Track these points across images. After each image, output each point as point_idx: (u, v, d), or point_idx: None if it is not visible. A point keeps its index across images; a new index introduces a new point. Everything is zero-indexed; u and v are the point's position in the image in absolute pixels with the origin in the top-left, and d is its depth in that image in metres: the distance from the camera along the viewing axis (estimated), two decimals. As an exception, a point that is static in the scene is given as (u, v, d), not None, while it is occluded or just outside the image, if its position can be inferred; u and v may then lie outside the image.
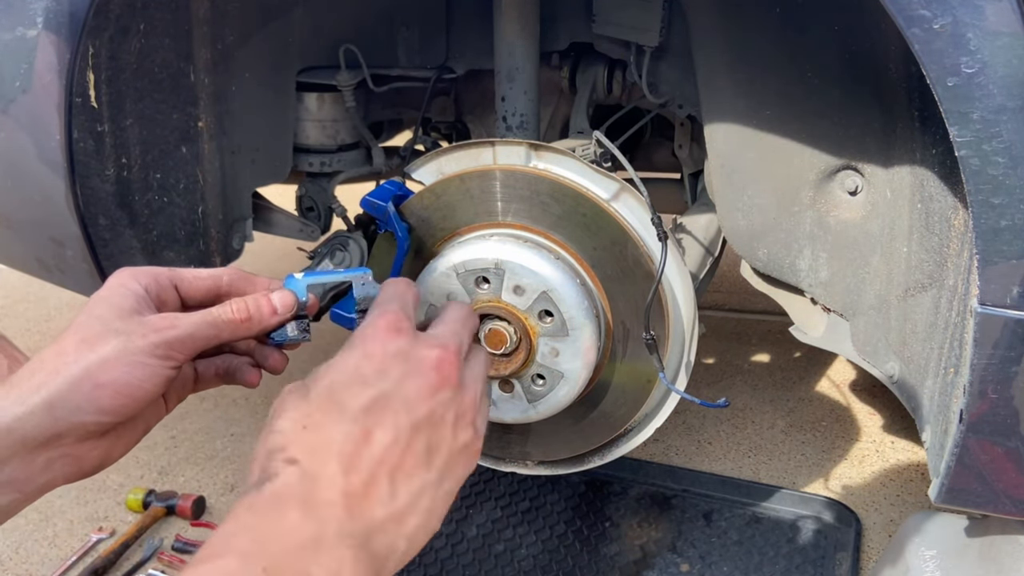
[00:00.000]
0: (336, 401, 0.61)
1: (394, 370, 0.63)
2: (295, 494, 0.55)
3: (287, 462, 0.57)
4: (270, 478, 0.56)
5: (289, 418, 0.61)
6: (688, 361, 1.27)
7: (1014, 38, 0.80)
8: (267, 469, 0.57)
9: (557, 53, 1.61)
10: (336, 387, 0.62)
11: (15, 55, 1.21)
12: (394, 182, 1.27)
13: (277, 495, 0.55)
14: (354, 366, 0.63)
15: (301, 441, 0.59)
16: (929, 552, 1.33)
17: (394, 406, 0.62)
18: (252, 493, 0.56)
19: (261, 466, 0.58)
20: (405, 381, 0.63)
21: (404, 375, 0.63)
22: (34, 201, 1.31)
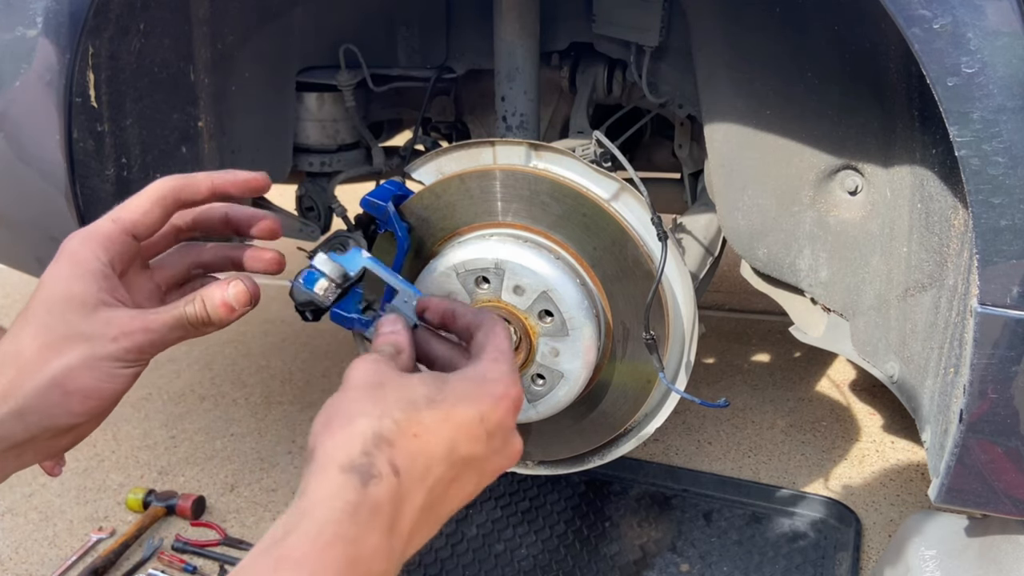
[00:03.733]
0: (450, 436, 0.62)
1: (497, 442, 0.66)
2: (386, 513, 0.56)
3: (392, 468, 0.57)
4: (374, 477, 0.56)
5: (405, 411, 0.60)
6: (688, 361, 1.27)
7: (1014, 38, 0.80)
8: (373, 461, 0.56)
9: (557, 53, 1.61)
10: (455, 420, 0.62)
11: (15, 55, 1.21)
12: (394, 182, 1.26)
13: (375, 507, 0.55)
14: (478, 417, 0.64)
15: (409, 451, 0.59)
16: (929, 552, 1.33)
17: (479, 472, 0.65)
18: (354, 481, 0.55)
19: (364, 446, 0.57)
20: (497, 456, 0.67)
21: (499, 451, 0.67)
22: (34, 201, 1.31)
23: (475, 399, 0.64)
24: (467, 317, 0.78)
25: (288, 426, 2.27)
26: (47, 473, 1.21)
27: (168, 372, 2.61)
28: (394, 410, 0.60)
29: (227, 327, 0.77)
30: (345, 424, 0.58)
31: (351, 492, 0.54)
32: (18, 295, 3.31)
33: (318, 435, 0.59)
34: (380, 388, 0.61)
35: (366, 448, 0.57)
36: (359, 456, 0.56)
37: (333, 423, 0.59)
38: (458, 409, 0.63)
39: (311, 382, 2.53)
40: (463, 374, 0.67)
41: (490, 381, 0.66)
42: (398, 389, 0.62)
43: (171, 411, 2.36)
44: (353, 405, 0.60)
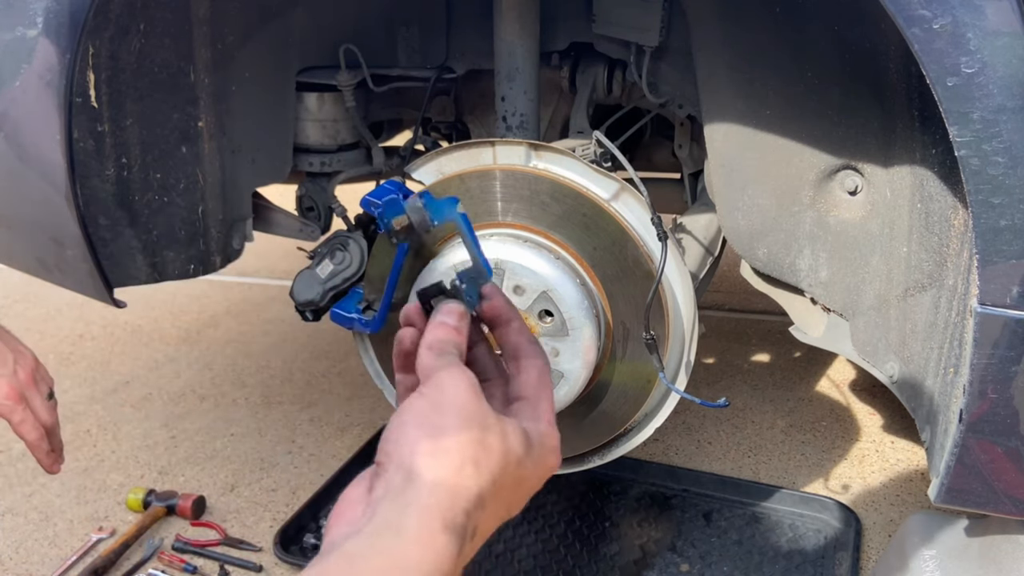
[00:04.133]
0: (516, 502, 0.64)
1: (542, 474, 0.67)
2: (456, 572, 0.56)
3: (473, 533, 0.58)
4: (467, 543, 0.56)
5: (500, 472, 0.60)
6: (688, 361, 1.27)
7: (1014, 38, 0.80)
8: (469, 524, 0.57)
9: (557, 53, 1.61)
10: (524, 487, 0.64)
11: (15, 55, 1.21)
12: (394, 182, 1.27)
13: (457, 568, 0.56)
14: (537, 481, 0.66)
15: (490, 515, 0.60)
16: (929, 552, 1.33)
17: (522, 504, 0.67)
18: (453, 549, 0.54)
19: (468, 506, 0.57)
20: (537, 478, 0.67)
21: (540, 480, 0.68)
22: (34, 201, 1.31)
23: (539, 468, 0.66)
24: (522, 338, 0.74)
25: (288, 426, 2.27)
26: (47, 471, 1.22)
27: (168, 372, 2.61)
28: (495, 467, 0.59)
29: (227, 327, 0.76)
30: (454, 464, 0.57)
31: (450, 562, 0.54)
32: (18, 295, 3.31)
33: (421, 454, 0.57)
34: (485, 433, 0.60)
35: (468, 508, 0.56)
36: (462, 516, 0.56)
37: (440, 451, 0.57)
38: (529, 477, 0.64)
39: (311, 382, 2.53)
40: (535, 435, 0.66)
41: (551, 451, 0.67)
42: (500, 441, 0.61)
43: (171, 411, 2.36)
44: (462, 445, 0.58)
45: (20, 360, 1.18)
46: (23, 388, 1.16)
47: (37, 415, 1.18)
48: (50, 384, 1.23)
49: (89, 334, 2.92)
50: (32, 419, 1.17)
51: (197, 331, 2.92)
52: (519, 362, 0.73)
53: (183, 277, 1.49)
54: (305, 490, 1.96)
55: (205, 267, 1.52)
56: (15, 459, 2.11)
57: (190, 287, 3.31)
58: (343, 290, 1.51)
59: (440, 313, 0.70)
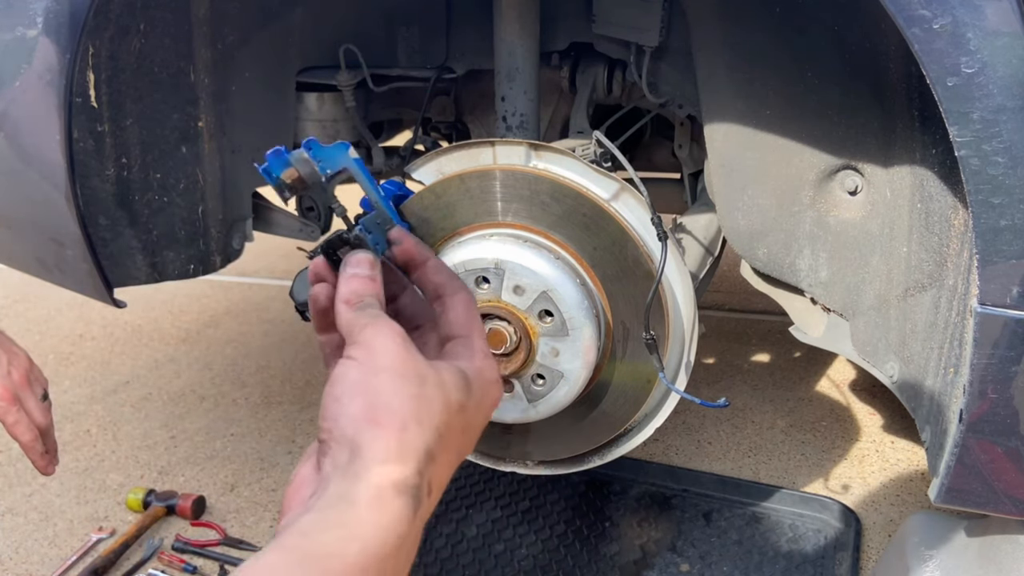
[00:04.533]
0: (466, 447, 0.64)
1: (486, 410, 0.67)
2: (417, 532, 0.56)
3: (429, 489, 0.57)
4: (422, 502, 0.55)
5: (444, 421, 0.59)
6: (688, 361, 1.27)
7: (1014, 38, 0.80)
8: (422, 483, 0.55)
9: (557, 53, 1.61)
10: (471, 432, 0.64)
11: (15, 55, 1.21)
12: (394, 182, 1.27)
13: (416, 534, 0.55)
14: (483, 419, 0.66)
15: (442, 465, 0.59)
16: (929, 552, 1.33)
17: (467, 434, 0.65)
18: (408, 511, 0.54)
19: (418, 464, 0.55)
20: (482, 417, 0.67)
21: (486, 417, 0.67)
22: (34, 201, 1.31)
23: (483, 405, 0.64)
24: (441, 276, 0.71)
25: (288, 426, 2.27)
26: (41, 471, 1.22)
27: (168, 372, 2.61)
28: (438, 419, 0.58)
29: (227, 327, 0.76)
30: (396, 427, 0.55)
31: (404, 523, 0.53)
32: (18, 295, 3.31)
33: (361, 424, 0.55)
34: (422, 386, 0.58)
35: (420, 467, 0.55)
36: (414, 476, 0.54)
37: (381, 418, 0.55)
38: (475, 418, 0.63)
39: (311, 382, 2.53)
40: (476, 374, 0.64)
41: (492, 383, 0.66)
42: (439, 391, 0.59)
43: (171, 411, 2.36)
44: (401, 404, 0.56)
45: (14, 361, 1.18)
46: (17, 389, 1.16)
47: (31, 416, 1.18)
48: (44, 385, 1.23)
49: (89, 334, 2.92)
50: (26, 420, 1.17)
51: (197, 331, 2.92)
52: (443, 300, 0.70)
53: (183, 277, 1.49)
54: (305, 490, 1.96)
55: (205, 267, 1.52)
56: (15, 459, 2.11)
57: (190, 287, 3.31)
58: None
59: (349, 265, 0.67)
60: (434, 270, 0.72)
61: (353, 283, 0.65)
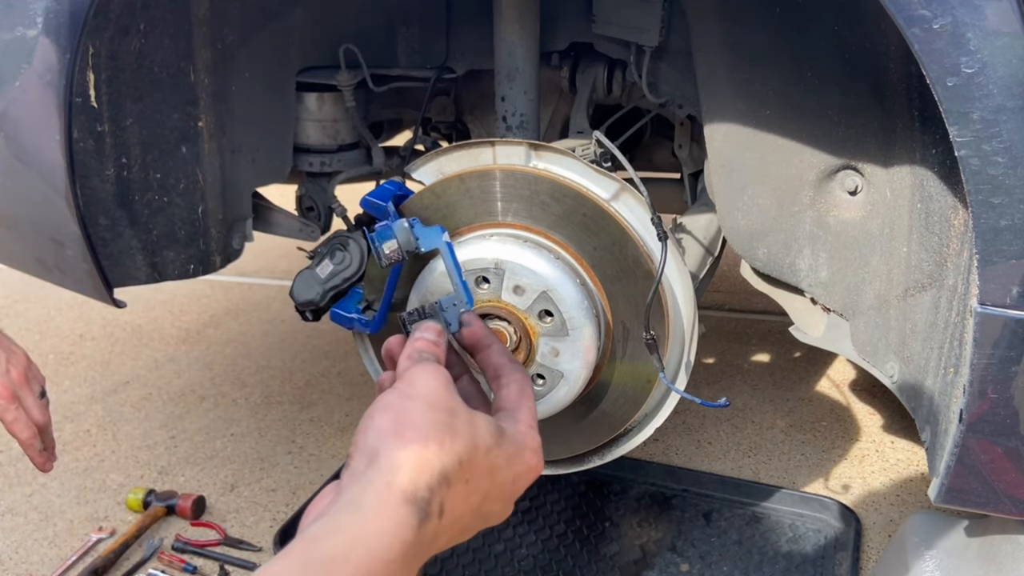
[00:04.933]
0: (488, 491, 0.64)
1: (511, 503, 0.69)
2: (421, 554, 0.57)
3: (440, 510, 0.58)
4: (429, 517, 0.56)
5: (468, 454, 0.60)
6: (688, 361, 1.27)
7: (1014, 38, 0.80)
8: (432, 499, 0.57)
9: (557, 53, 1.61)
10: (497, 478, 0.65)
11: (15, 55, 1.21)
12: (394, 182, 1.27)
13: (419, 550, 0.56)
14: (511, 480, 0.67)
15: (458, 496, 0.60)
16: (929, 552, 1.33)
17: (484, 524, 0.67)
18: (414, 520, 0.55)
19: (430, 480, 0.57)
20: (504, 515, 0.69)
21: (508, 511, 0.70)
22: (34, 201, 1.31)
23: (515, 462, 0.66)
24: (502, 359, 0.77)
25: (288, 426, 2.27)
26: (39, 469, 1.22)
27: (168, 372, 2.61)
28: (461, 449, 0.60)
29: (227, 327, 0.78)
30: (419, 442, 0.58)
31: (409, 532, 0.54)
32: (18, 295, 3.31)
33: (385, 436, 0.58)
34: (452, 417, 0.61)
35: (432, 483, 0.57)
36: (424, 490, 0.56)
37: (405, 433, 0.58)
38: (502, 468, 0.65)
39: (311, 382, 2.53)
40: (513, 433, 0.68)
41: (529, 449, 0.69)
42: (468, 427, 0.62)
43: (171, 411, 2.36)
44: (427, 425, 0.59)
45: (12, 359, 1.18)
46: (15, 387, 1.17)
47: (30, 414, 1.18)
48: (42, 383, 1.23)
49: (89, 334, 2.92)
50: (25, 418, 1.17)
51: (197, 331, 2.92)
52: (499, 380, 0.75)
53: (183, 277, 1.49)
54: (305, 490, 1.96)
55: (205, 267, 1.52)
56: (15, 459, 2.11)
57: (190, 287, 3.31)
58: (343, 290, 1.51)
59: (418, 330, 0.73)
60: (497, 353, 0.77)
61: (418, 344, 0.71)
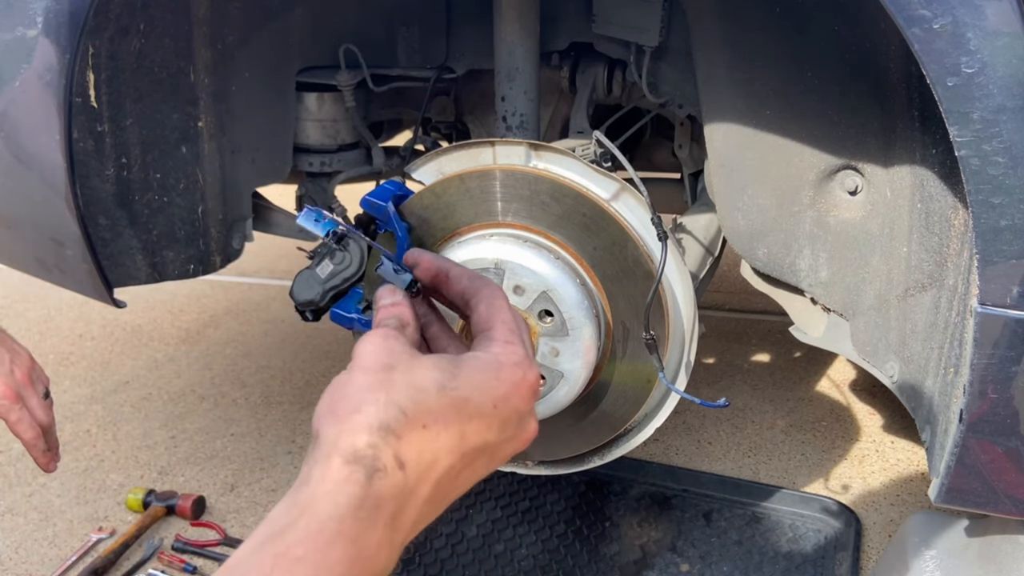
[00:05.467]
0: (461, 426, 0.59)
1: (511, 428, 0.64)
2: (389, 509, 0.54)
3: (398, 462, 0.55)
4: (379, 471, 0.54)
5: (414, 400, 0.57)
6: (688, 361, 1.27)
7: (1014, 38, 0.80)
8: (378, 454, 0.54)
9: (557, 53, 1.61)
10: (467, 410, 0.60)
11: (15, 55, 1.21)
12: (394, 182, 1.27)
13: (378, 503, 0.54)
14: (491, 405, 0.62)
15: (416, 443, 0.57)
16: (929, 552, 1.33)
17: (490, 457, 0.63)
18: (359, 475, 0.53)
19: (370, 437, 0.54)
20: (511, 442, 0.64)
21: (513, 436, 0.65)
22: (34, 201, 1.31)
23: (489, 387, 0.62)
24: (463, 282, 0.71)
25: (288, 426, 2.27)
26: (43, 469, 1.22)
27: (168, 372, 2.61)
28: (403, 398, 0.57)
29: (227, 327, 0.76)
30: (352, 411, 0.56)
31: (355, 486, 0.53)
32: (18, 295, 3.31)
33: (322, 418, 0.57)
34: (389, 371, 0.58)
35: (372, 440, 0.54)
36: (364, 448, 0.54)
37: (338, 407, 0.56)
38: (471, 398, 0.60)
39: (311, 382, 2.53)
40: (476, 359, 0.63)
41: (506, 367, 0.63)
42: (408, 373, 0.59)
43: (171, 411, 2.36)
44: (361, 390, 0.57)
45: (16, 359, 1.18)
46: (19, 387, 1.17)
47: (33, 414, 1.18)
48: (46, 383, 1.24)
49: (89, 334, 2.92)
50: (28, 418, 1.17)
51: (197, 331, 2.92)
52: (468, 305, 0.70)
53: (183, 277, 1.49)
54: (305, 490, 1.96)
55: (205, 267, 1.52)
56: (15, 459, 2.11)
57: (190, 287, 3.31)
58: (343, 290, 1.51)
59: (376, 303, 0.70)
60: (456, 279, 0.72)
61: (379, 315, 0.68)
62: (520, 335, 0.67)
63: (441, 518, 1.78)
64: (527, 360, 0.65)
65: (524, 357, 0.65)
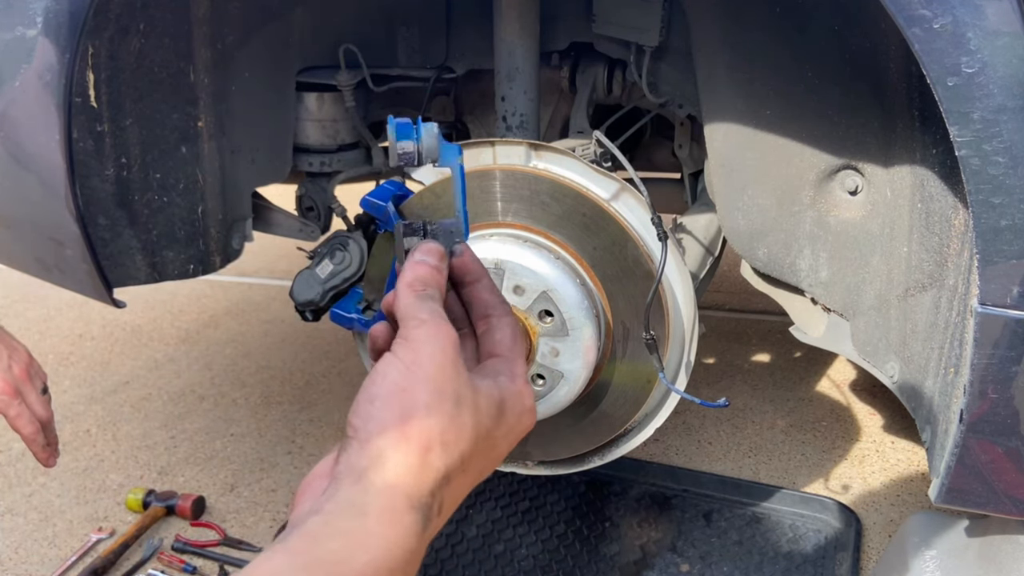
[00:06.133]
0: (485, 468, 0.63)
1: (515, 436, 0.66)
2: (424, 549, 0.56)
3: (439, 508, 0.57)
4: (431, 521, 0.56)
5: (468, 446, 0.58)
6: (688, 361, 1.27)
7: (1014, 38, 0.80)
8: (434, 503, 0.56)
9: (557, 53, 1.61)
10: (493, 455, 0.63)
11: (15, 55, 1.21)
12: (394, 182, 1.27)
13: (422, 550, 0.55)
14: (509, 445, 0.65)
15: (456, 487, 0.58)
16: (929, 552, 1.33)
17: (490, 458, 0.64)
18: (418, 527, 0.54)
19: (435, 485, 0.56)
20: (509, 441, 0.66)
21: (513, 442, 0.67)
22: (34, 201, 1.31)
23: (511, 433, 0.64)
24: (492, 296, 0.71)
25: (288, 426, 2.27)
26: (43, 464, 1.22)
27: (168, 372, 2.61)
28: (465, 446, 0.58)
29: (227, 327, 0.76)
30: (423, 445, 0.55)
31: (414, 539, 0.53)
32: (18, 295, 3.31)
33: (388, 432, 0.55)
34: (458, 408, 0.58)
35: (435, 488, 0.55)
36: (428, 496, 0.55)
37: (411, 432, 0.55)
38: (500, 442, 0.63)
39: (311, 382, 2.53)
40: (510, 397, 0.64)
41: (527, 411, 0.66)
42: (473, 415, 0.59)
43: (171, 411, 2.36)
44: (432, 422, 0.56)
45: (14, 356, 1.19)
46: (18, 383, 1.17)
47: (32, 409, 1.18)
48: (44, 379, 1.24)
49: (89, 334, 2.92)
50: (28, 414, 1.17)
51: (197, 331, 2.92)
52: (490, 320, 0.70)
53: (183, 277, 1.49)
54: (305, 490, 1.95)
55: (205, 267, 1.52)
56: (15, 459, 2.11)
57: (190, 287, 3.31)
58: (343, 290, 1.51)
59: (419, 251, 0.67)
60: (488, 289, 0.72)
61: (420, 269, 0.65)
62: (526, 370, 0.70)
63: (441, 518, 1.79)
64: (533, 403, 0.68)
65: (533, 401, 0.68)
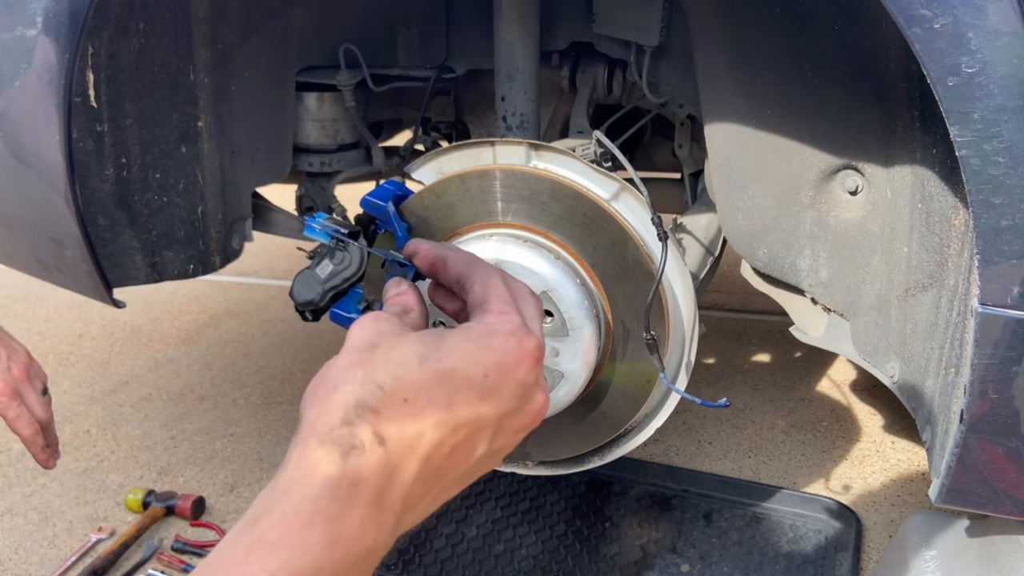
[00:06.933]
0: (447, 397, 0.56)
1: (513, 400, 0.60)
2: (371, 486, 0.52)
3: (377, 438, 0.53)
4: (355, 448, 0.52)
5: (393, 374, 0.56)
6: (688, 361, 1.27)
7: (1014, 38, 0.80)
8: (354, 431, 0.53)
9: (557, 53, 1.61)
10: (453, 382, 0.57)
11: (15, 55, 1.21)
12: (394, 182, 1.26)
13: (357, 481, 0.52)
14: (481, 374, 0.58)
15: (396, 418, 0.54)
16: (929, 552, 1.32)
17: (494, 432, 0.60)
18: (334, 454, 0.52)
19: (346, 415, 0.53)
20: (516, 415, 0.61)
21: (518, 409, 0.61)
22: (34, 201, 1.31)
23: (479, 356, 0.59)
24: (458, 266, 0.70)
25: (288, 426, 2.27)
26: (42, 466, 1.22)
27: (168, 372, 2.61)
28: (381, 374, 0.55)
29: (227, 327, 0.76)
30: (330, 391, 0.55)
31: (330, 466, 0.51)
32: (18, 295, 3.31)
33: (304, 403, 0.56)
34: (371, 350, 0.57)
35: (347, 417, 0.53)
36: (339, 426, 0.53)
37: (319, 390, 0.55)
38: (457, 368, 0.58)
39: (311, 382, 2.53)
40: (465, 329, 0.61)
41: (498, 335, 0.61)
42: (389, 349, 0.57)
43: (171, 411, 2.36)
44: (341, 369, 0.56)
45: (13, 356, 1.18)
46: (17, 384, 1.17)
47: (32, 411, 1.18)
48: (44, 380, 1.24)
49: (89, 334, 2.92)
50: (27, 415, 1.17)
51: (197, 331, 2.92)
52: (464, 288, 0.69)
53: (182, 277, 1.49)
54: (305, 490, 1.95)
55: (204, 267, 1.52)
56: (15, 459, 2.11)
57: (190, 287, 3.31)
58: (343, 290, 1.51)
59: (384, 295, 0.72)
60: (453, 264, 0.71)
61: (386, 306, 0.69)
62: (517, 305, 0.65)
63: (441, 518, 1.79)
64: (523, 328, 0.62)
65: (519, 325, 0.62)
